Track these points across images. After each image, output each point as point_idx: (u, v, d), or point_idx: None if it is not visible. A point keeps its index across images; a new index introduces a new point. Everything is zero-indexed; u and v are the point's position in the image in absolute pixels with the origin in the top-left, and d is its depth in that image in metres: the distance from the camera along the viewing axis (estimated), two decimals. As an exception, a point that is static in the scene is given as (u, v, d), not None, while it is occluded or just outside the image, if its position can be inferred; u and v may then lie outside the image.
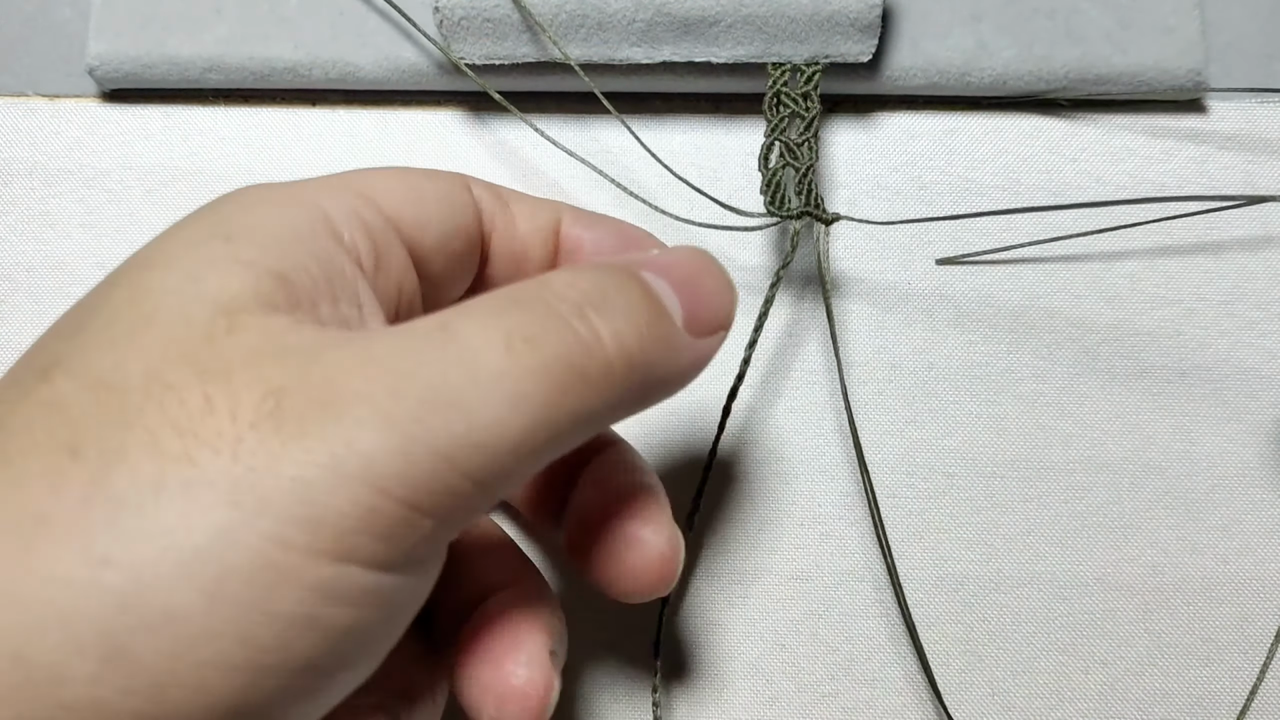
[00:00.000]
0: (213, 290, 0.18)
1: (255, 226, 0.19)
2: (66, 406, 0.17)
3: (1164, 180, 0.31)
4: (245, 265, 0.18)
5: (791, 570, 0.29)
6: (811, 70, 0.29)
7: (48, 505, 0.16)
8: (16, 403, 0.17)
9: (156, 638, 0.15)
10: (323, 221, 0.20)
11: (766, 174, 0.28)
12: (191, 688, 0.16)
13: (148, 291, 0.18)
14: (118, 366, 0.17)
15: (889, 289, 0.30)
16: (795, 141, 0.28)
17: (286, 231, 0.19)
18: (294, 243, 0.19)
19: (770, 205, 0.28)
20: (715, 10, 0.28)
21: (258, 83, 0.31)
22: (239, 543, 0.16)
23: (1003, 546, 0.29)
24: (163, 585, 0.15)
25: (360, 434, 0.16)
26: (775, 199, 0.28)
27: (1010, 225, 0.31)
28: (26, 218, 0.30)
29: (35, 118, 0.31)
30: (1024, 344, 0.30)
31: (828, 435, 0.29)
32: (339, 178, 0.21)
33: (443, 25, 0.28)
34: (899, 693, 0.28)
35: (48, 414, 0.17)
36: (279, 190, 0.20)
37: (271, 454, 0.16)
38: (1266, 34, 0.31)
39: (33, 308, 0.30)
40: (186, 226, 0.19)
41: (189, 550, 0.16)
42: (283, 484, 0.16)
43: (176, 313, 0.17)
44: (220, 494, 0.16)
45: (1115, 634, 0.29)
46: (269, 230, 0.19)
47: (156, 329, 0.17)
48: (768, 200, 0.28)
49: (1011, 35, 0.30)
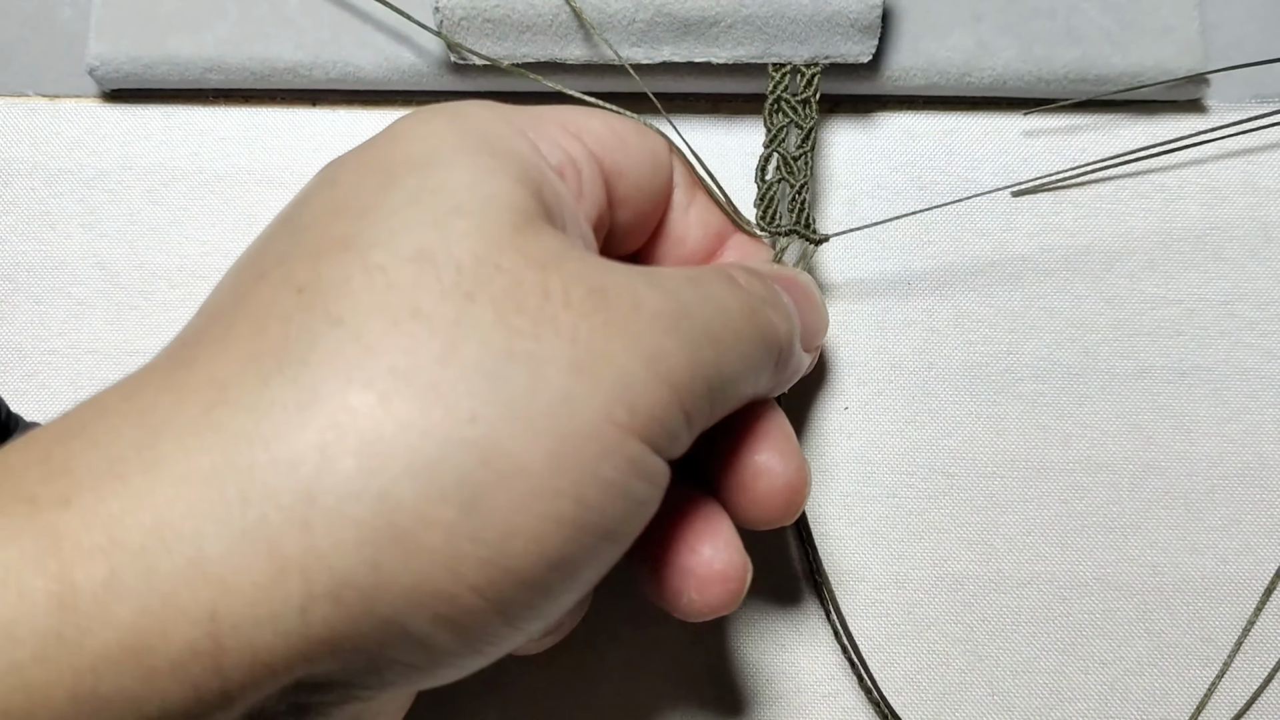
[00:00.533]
0: (505, 197, 0.19)
1: (504, 148, 0.20)
2: (395, 277, 0.18)
3: (1164, 180, 0.31)
4: (517, 180, 0.20)
5: (793, 570, 0.29)
6: (811, 71, 0.29)
7: (403, 363, 0.17)
8: (327, 269, 0.18)
9: (509, 491, 0.17)
10: (540, 154, 0.21)
11: (762, 187, 0.28)
12: (531, 538, 0.17)
13: (442, 186, 0.19)
14: (442, 246, 0.18)
15: (889, 289, 0.30)
16: (793, 155, 0.28)
17: (528, 162, 0.21)
18: (538, 174, 0.20)
19: (761, 220, 0.28)
20: (715, 10, 0.28)
21: (258, 83, 0.31)
22: (578, 412, 0.18)
23: (1003, 546, 0.29)
24: (517, 444, 0.17)
25: (666, 344, 0.19)
26: (767, 214, 0.28)
27: (1011, 225, 0.31)
28: (26, 218, 0.30)
29: (35, 118, 0.31)
30: (1024, 344, 0.30)
31: (827, 435, 0.29)
32: (542, 110, 0.23)
33: (443, 25, 0.28)
34: (899, 693, 0.28)
35: (373, 280, 0.18)
36: (495, 110, 0.22)
37: (601, 342, 0.18)
38: (1266, 34, 0.31)
39: (33, 308, 0.30)
40: (438, 132, 0.20)
41: (538, 413, 0.17)
42: (613, 369, 0.18)
43: (483, 207, 0.19)
44: (562, 368, 0.18)
45: (1115, 634, 0.29)
46: (516, 153, 0.20)
47: (470, 219, 0.18)
48: (759, 215, 0.28)
49: (1011, 35, 0.30)
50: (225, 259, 0.30)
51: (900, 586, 0.29)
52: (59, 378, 0.29)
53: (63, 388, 0.29)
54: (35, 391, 0.29)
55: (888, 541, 0.29)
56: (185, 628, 0.16)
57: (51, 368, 0.29)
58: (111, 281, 0.30)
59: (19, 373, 0.29)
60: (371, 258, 0.18)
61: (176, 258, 0.30)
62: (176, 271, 0.30)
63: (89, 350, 0.30)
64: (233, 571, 0.16)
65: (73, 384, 0.29)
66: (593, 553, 0.18)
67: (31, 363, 0.30)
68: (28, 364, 0.30)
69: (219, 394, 0.17)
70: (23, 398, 0.29)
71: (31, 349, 0.30)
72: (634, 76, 0.29)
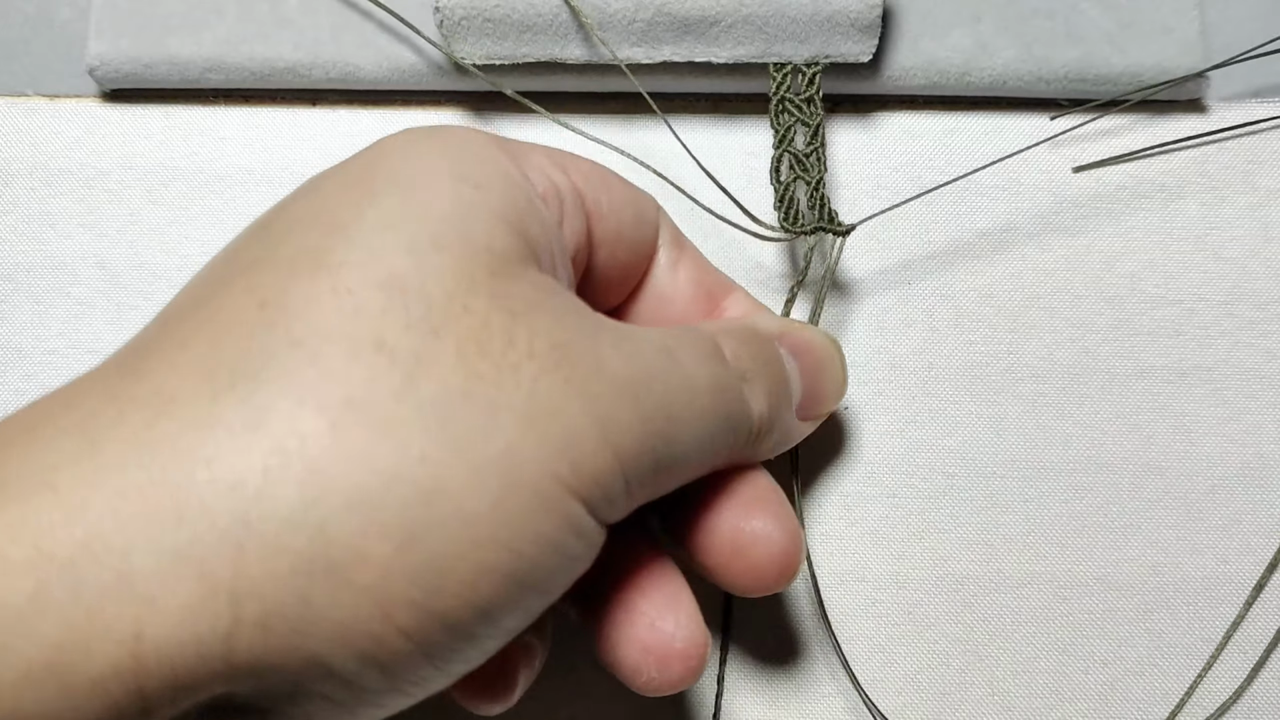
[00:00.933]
0: (484, 235, 0.19)
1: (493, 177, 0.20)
2: (363, 301, 0.17)
3: (1164, 180, 0.31)
4: (499, 218, 0.19)
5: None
6: (812, 71, 0.29)
7: (360, 394, 0.17)
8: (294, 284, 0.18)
9: (448, 535, 0.17)
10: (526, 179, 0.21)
11: (779, 189, 0.28)
12: (464, 584, 0.17)
13: (424, 212, 0.19)
14: (415, 276, 0.18)
15: (889, 289, 0.30)
16: (804, 152, 0.28)
17: (516, 188, 0.20)
18: (525, 202, 0.20)
19: (784, 221, 0.28)
20: (715, 10, 0.28)
21: (258, 83, 0.31)
22: (524, 464, 0.17)
23: (1003, 546, 0.29)
24: (461, 488, 0.17)
25: (620, 411, 0.19)
26: (789, 214, 0.28)
27: (1011, 225, 0.31)
28: (26, 218, 0.30)
29: (35, 118, 0.31)
30: (1024, 344, 0.30)
31: (828, 436, 0.29)
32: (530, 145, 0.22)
33: (443, 25, 0.28)
34: (899, 693, 0.28)
35: (340, 303, 0.17)
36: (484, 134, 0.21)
37: (559, 398, 0.18)
38: (1266, 34, 0.31)
39: (33, 308, 0.30)
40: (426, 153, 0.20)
41: (486, 460, 0.17)
42: (564, 427, 0.18)
43: (461, 243, 0.18)
44: (516, 418, 0.17)
45: (1115, 634, 0.29)
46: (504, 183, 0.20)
47: (446, 254, 0.18)
48: (781, 216, 0.28)
49: (1011, 35, 0.30)
50: (225, 259, 0.30)
51: (900, 586, 0.29)
52: (59, 378, 0.29)
53: (63, 388, 0.29)
54: (35, 391, 0.29)
55: (888, 541, 0.29)
56: (109, 646, 0.15)
57: (51, 368, 0.29)
58: (111, 281, 0.30)
59: (19, 373, 0.29)
60: (341, 278, 0.17)
61: (176, 258, 0.30)
62: (176, 271, 0.30)
63: (89, 350, 0.30)
64: (161, 590, 0.15)
65: (73, 384, 0.29)
66: (520, 603, 0.18)
67: (31, 363, 0.30)
68: (28, 364, 0.30)
69: (165, 407, 0.17)
70: (23, 398, 0.29)
71: (31, 349, 0.30)
72: (630, 77, 0.29)
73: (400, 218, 0.18)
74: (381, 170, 0.19)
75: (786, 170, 0.28)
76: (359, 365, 0.17)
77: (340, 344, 0.17)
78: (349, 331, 0.17)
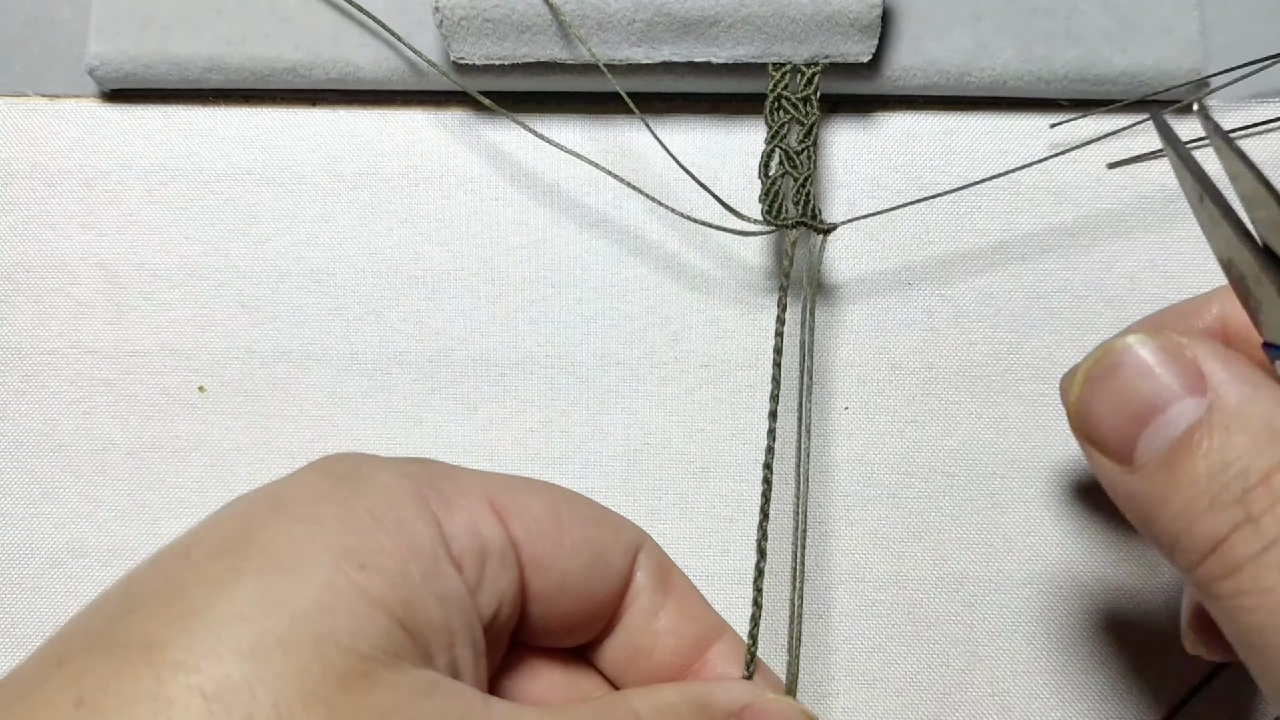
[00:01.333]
0: (347, 636, 0.17)
1: (388, 553, 0.18)
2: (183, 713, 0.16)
3: (1164, 180, 0.31)
4: (379, 607, 0.18)
5: (791, 570, 0.29)
6: (811, 71, 0.29)
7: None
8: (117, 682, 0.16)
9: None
10: (442, 543, 0.19)
11: (766, 182, 0.28)
12: None
13: (286, 602, 0.17)
14: (246, 685, 0.16)
15: (889, 289, 0.30)
16: (795, 149, 0.28)
17: (413, 563, 0.18)
18: (420, 579, 0.18)
19: (767, 214, 0.28)
20: (715, 10, 0.28)
21: (258, 83, 0.31)
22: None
23: (1002, 546, 0.29)
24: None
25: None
26: (773, 208, 0.28)
27: (1011, 225, 0.31)
28: (26, 218, 0.30)
29: (35, 118, 0.31)
30: (1024, 344, 0.30)
31: (828, 436, 0.29)
32: (477, 479, 0.21)
33: (443, 25, 0.28)
34: (899, 693, 0.28)
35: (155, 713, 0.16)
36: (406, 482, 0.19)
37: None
38: (1266, 34, 0.31)
39: (33, 308, 0.30)
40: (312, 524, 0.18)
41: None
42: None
43: (314, 647, 0.17)
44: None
45: (1115, 634, 0.29)
46: (398, 559, 0.18)
47: (293, 659, 0.17)
48: (765, 209, 0.28)
49: (1011, 35, 0.30)
50: (224, 259, 0.30)
51: (900, 586, 0.29)
52: (59, 378, 0.29)
53: (63, 388, 0.29)
54: (35, 391, 0.29)
55: (888, 541, 0.29)
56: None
57: (51, 368, 0.29)
58: (111, 281, 0.30)
59: (19, 373, 0.29)
60: (165, 684, 0.16)
61: (176, 258, 0.30)
62: (176, 271, 0.30)
63: (89, 350, 0.30)
64: None
65: (73, 384, 0.29)
66: None
67: (31, 363, 0.30)
68: (28, 364, 0.30)
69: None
70: (23, 398, 0.29)
71: (31, 349, 0.30)
72: (608, 76, 0.28)
73: (257, 608, 0.17)
74: (259, 540, 0.18)
75: (776, 166, 0.28)
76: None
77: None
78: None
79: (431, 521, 0.19)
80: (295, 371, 0.30)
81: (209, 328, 0.30)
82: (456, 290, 0.30)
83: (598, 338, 0.30)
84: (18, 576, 0.29)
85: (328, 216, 0.30)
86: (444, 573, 0.19)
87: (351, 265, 0.30)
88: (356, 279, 0.30)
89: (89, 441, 0.29)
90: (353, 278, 0.30)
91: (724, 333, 0.30)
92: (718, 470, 0.29)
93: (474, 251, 0.30)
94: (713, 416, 0.30)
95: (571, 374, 0.30)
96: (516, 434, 0.29)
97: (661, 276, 0.30)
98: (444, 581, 0.19)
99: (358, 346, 0.30)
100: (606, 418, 0.30)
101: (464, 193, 0.31)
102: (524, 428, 0.29)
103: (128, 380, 0.29)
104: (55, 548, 0.29)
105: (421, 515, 0.19)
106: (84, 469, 0.29)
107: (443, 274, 0.30)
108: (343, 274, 0.30)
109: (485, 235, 0.30)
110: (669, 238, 0.30)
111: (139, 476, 0.29)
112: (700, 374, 0.30)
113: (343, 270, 0.30)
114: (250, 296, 0.30)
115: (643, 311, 0.30)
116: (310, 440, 0.29)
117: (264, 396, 0.29)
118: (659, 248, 0.30)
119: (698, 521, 0.29)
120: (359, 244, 0.30)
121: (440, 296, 0.30)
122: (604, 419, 0.30)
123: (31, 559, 0.29)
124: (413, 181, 0.31)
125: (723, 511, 0.29)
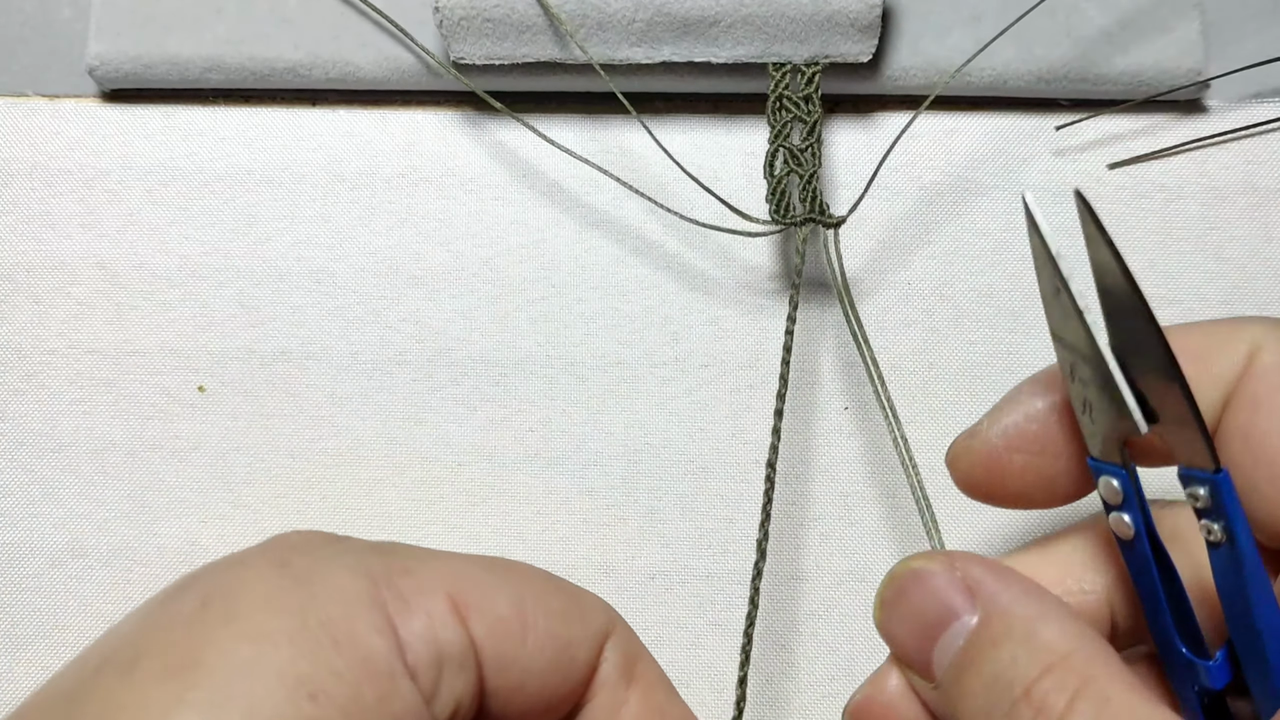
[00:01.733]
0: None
1: (339, 676, 0.18)
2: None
3: (1164, 180, 0.31)
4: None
5: (792, 570, 0.29)
6: (812, 71, 0.29)
7: None
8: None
9: None
10: (398, 654, 0.19)
11: (771, 181, 0.28)
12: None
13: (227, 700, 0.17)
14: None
15: (889, 289, 0.30)
16: (799, 147, 0.28)
17: (366, 686, 0.18)
18: (374, 702, 0.18)
19: (775, 213, 0.28)
20: (715, 10, 0.28)
21: (258, 83, 0.31)
22: None
23: (1003, 546, 0.29)
24: None
25: None
26: (780, 206, 0.28)
27: (1011, 225, 0.31)
28: (26, 218, 0.30)
29: (35, 118, 0.31)
30: (1024, 344, 0.30)
31: (828, 436, 0.29)
32: (441, 573, 0.20)
33: (443, 25, 0.28)
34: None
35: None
36: (357, 595, 0.19)
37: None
38: (1266, 34, 0.31)
39: (33, 308, 0.30)
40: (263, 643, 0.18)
41: None
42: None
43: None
44: None
45: (1115, 634, 0.29)
46: (350, 684, 0.18)
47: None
48: (772, 208, 0.28)
49: (1011, 35, 0.30)
50: (225, 259, 0.30)
51: (900, 586, 0.29)
52: (59, 378, 0.29)
53: (63, 388, 0.29)
54: (35, 391, 0.29)
55: (888, 541, 0.29)
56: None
57: (51, 368, 0.29)
58: (111, 281, 0.30)
59: (19, 373, 0.29)
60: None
61: (176, 258, 0.30)
62: (176, 271, 0.30)
63: (89, 350, 0.30)
64: None
65: (73, 384, 0.29)
66: None
67: (31, 363, 0.30)
68: (28, 364, 0.30)
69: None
70: (22, 398, 0.29)
71: (31, 349, 0.30)
72: (603, 76, 0.28)
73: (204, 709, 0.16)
74: (207, 663, 0.17)
75: (780, 165, 0.28)
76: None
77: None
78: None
79: (388, 631, 0.19)
80: (295, 371, 0.30)
81: (209, 328, 0.30)
82: (456, 290, 0.30)
83: (598, 338, 0.30)
84: (18, 576, 0.29)
85: (328, 216, 0.30)
86: (398, 690, 0.18)
87: (351, 265, 0.30)
88: (356, 279, 0.30)
89: (89, 441, 0.29)
90: (353, 278, 0.30)
91: (724, 333, 0.30)
92: (718, 470, 0.29)
93: (474, 251, 0.30)
94: (713, 416, 0.30)
95: (571, 374, 0.30)
96: (516, 434, 0.29)
97: (661, 276, 0.30)
98: (398, 700, 0.18)
99: (358, 346, 0.30)
100: (606, 418, 0.30)
101: (464, 193, 0.31)
102: (524, 428, 0.29)
103: (128, 380, 0.29)
104: (55, 548, 0.29)
105: (377, 626, 0.18)
106: (84, 469, 0.29)
107: (442, 274, 0.30)
108: (343, 274, 0.30)
109: (485, 235, 0.30)
110: (669, 238, 0.30)
111: (139, 476, 0.29)
112: (700, 374, 0.30)
113: (343, 270, 0.30)
114: (250, 296, 0.30)
115: (643, 311, 0.30)
116: (310, 440, 0.29)
117: (264, 396, 0.29)
118: (659, 248, 0.30)
119: (698, 521, 0.29)
120: (359, 244, 0.30)
121: (440, 296, 0.30)
122: (604, 419, 0.30)
123: (31, 559, 0.29)
124: (413, 181, 0.31)
125: (723, 511, 0.29)
